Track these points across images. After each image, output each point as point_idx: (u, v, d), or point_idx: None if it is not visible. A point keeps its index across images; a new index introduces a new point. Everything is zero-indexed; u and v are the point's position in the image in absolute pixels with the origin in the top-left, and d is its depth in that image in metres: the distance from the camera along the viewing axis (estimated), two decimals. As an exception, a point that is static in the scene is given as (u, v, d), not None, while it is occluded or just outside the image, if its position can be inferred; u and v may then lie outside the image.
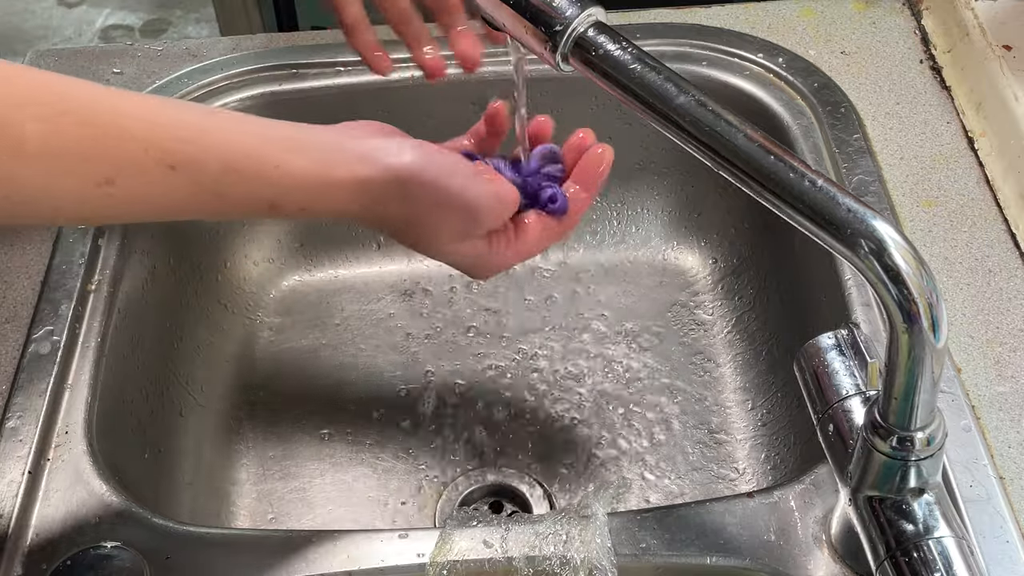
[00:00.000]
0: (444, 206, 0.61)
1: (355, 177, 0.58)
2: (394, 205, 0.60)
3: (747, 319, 0.93)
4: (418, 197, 0.60)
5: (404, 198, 0.59)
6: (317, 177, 0.57)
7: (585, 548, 0.63)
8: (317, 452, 0.88)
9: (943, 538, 0.54)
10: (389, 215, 0.60)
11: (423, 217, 0.61)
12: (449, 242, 0.63)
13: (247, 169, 0.54)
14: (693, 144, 0.52)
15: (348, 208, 0.59)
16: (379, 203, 0.59)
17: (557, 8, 0.55)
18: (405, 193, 0.59)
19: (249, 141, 0.55)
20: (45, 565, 0.64)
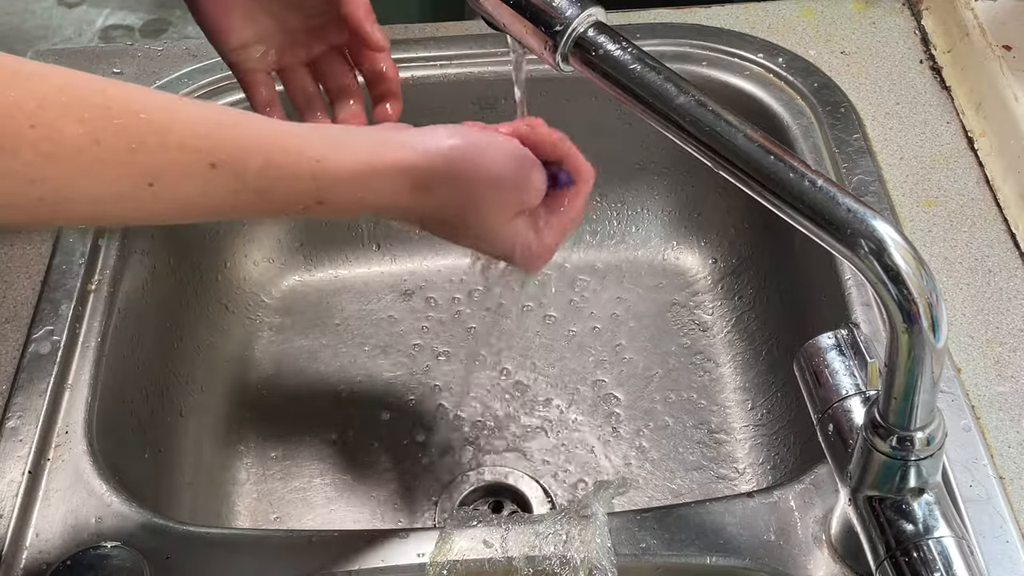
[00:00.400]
0: (492, 182, 0.60)
1: (401, 163, 0.57)
2: (443, 189, 0.59)
3: (747, 319, 0.93)
4: (467, 177, 0.59)
5: (453, 180, 0.59)
6: (362, 167, 0.56)
7: (585, 548, 0.63)
8: (317, 452, 0.88)
9: (943, 538, 0.54)
10: (439, 201, 0.59)
11: (474, 197, 0.60)
12: (500, 223, 0.62)
13: (288, 164, 0.53)
14: (693, 144, 0.52)
15: (397, 198, 0.58)
16: (427, 189, 0.58)
17: (557, 8, 0.55)
18: (453, 174, 0.58)
19: (289, 139, 0.54)
20: (45, 565, 0.64)
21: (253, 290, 0.97)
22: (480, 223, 0.62)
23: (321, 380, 0.93)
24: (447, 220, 0.61)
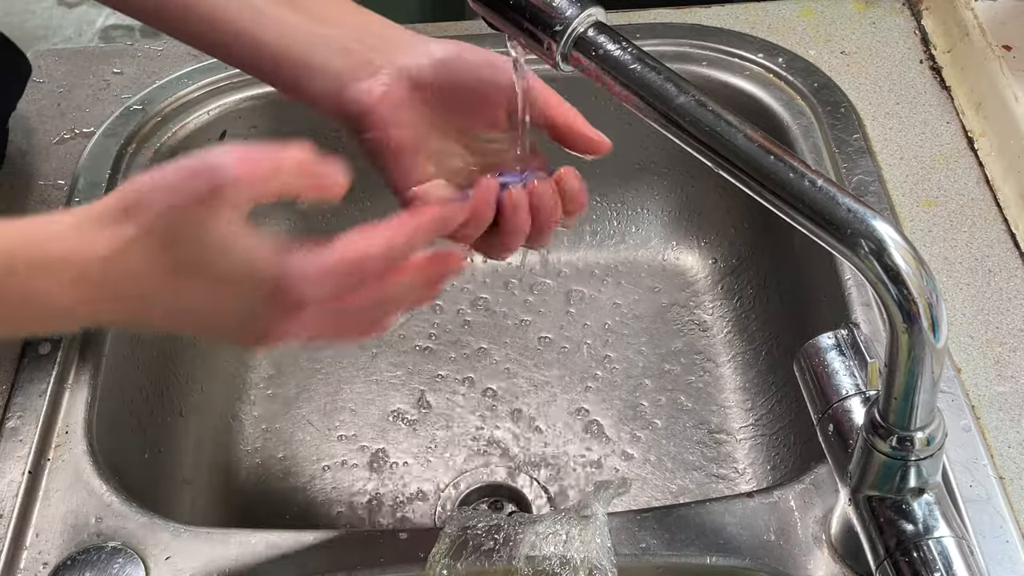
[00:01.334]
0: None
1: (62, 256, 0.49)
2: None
3: (747, 319, 0.93)
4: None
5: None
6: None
7: (585, 548, 0.63)
8: (317, 451, 0.88)
9: (943, 538, 0.54)
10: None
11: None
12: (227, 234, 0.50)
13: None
14: (693, 144, 0.52)
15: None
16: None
17: (557, 8, 0.55)
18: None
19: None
20: (45, 565, 0.64)
21: (253, 290, 0.97)
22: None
23: (321, 379, 0.93)
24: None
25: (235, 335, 0.55)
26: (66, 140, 0.90)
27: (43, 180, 0.87)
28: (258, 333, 0.54)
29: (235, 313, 0.53)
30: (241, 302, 0.52)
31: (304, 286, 0.52)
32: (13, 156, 0.88)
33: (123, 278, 0.50)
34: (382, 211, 1.02)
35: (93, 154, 0.88)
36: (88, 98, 0.93)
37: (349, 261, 0.54)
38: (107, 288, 0.51)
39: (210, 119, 0.92)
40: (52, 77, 0.95)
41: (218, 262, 0.51)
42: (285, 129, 0.96)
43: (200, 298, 0.52)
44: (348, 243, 0.54)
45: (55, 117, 0.92)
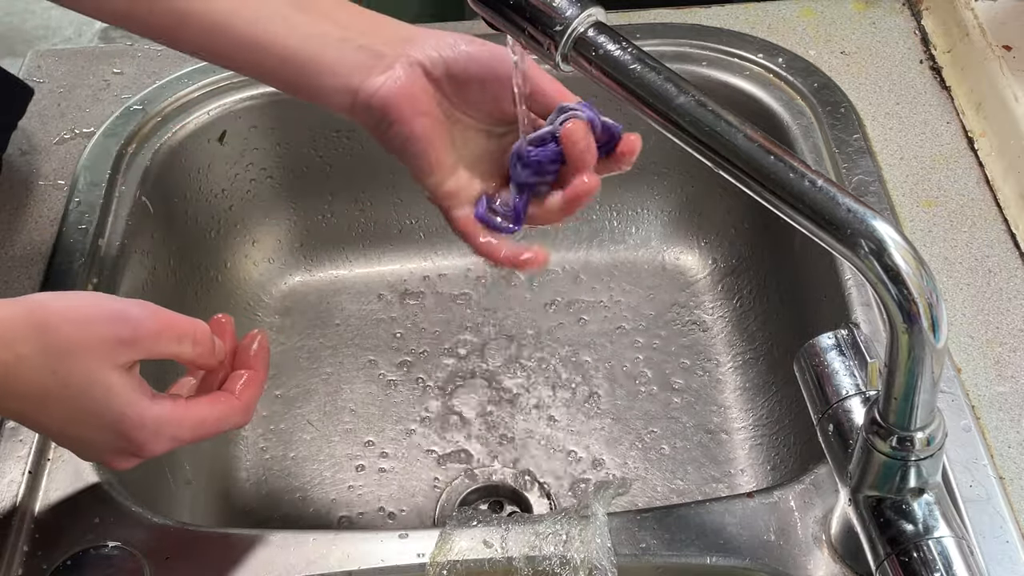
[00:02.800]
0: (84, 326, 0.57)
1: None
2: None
3: (747, 319, 0.93)
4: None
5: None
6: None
7: (585, 548, 0.63)
8: (317, 451, 0.88)
9: (943, 538, 0.54)
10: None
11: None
12: (99, 369, 0.57)
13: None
14: (693, 144, 0.52)
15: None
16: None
17: (557, 8, 0.55)
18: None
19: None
20: (45, 565, 0.64)
21: (253, 290, 0.98)
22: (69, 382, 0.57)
23: (321, 380, 0.93)
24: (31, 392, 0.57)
25: (78, 451, 0.62)
26: (66, 140, 0.90)
27: (43, 180, 0.87)
28: (99, 458, 0.62)
29: (90, 443, 0.60)
30: (97, 436, 0.59)
31: (148, 445, 0.60)
32: (13, 156, 0.88)
33: (12, 384, 0.56)
34: (382, 210, 1.03)
35: (93, 154, 0.88)
36: (88, 98, 0.93)
37: (193, 431, 0.61)
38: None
39: (210, 119, 0.93)
40: (52, 77, 0.95)
41: (95, 400, 0.57)
42: (285, 129, 0.96)
43: (63, 421, 0.59)
44: (201, 416, 0.61)
45: (55, 117, 0.92)
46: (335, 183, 0.99)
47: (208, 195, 0.95)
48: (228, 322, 0.66)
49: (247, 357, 0.65)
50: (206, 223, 0.95)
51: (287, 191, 0.98)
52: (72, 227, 0.82)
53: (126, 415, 0.58)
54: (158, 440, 0.59)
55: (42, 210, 0.84)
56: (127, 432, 0.58)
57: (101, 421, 0.58)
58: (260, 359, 0.65)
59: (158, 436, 0.59)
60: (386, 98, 0.62)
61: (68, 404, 0.57)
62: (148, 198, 0.87)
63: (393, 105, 0.62)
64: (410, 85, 0.62)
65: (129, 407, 0.58)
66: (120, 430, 0.58)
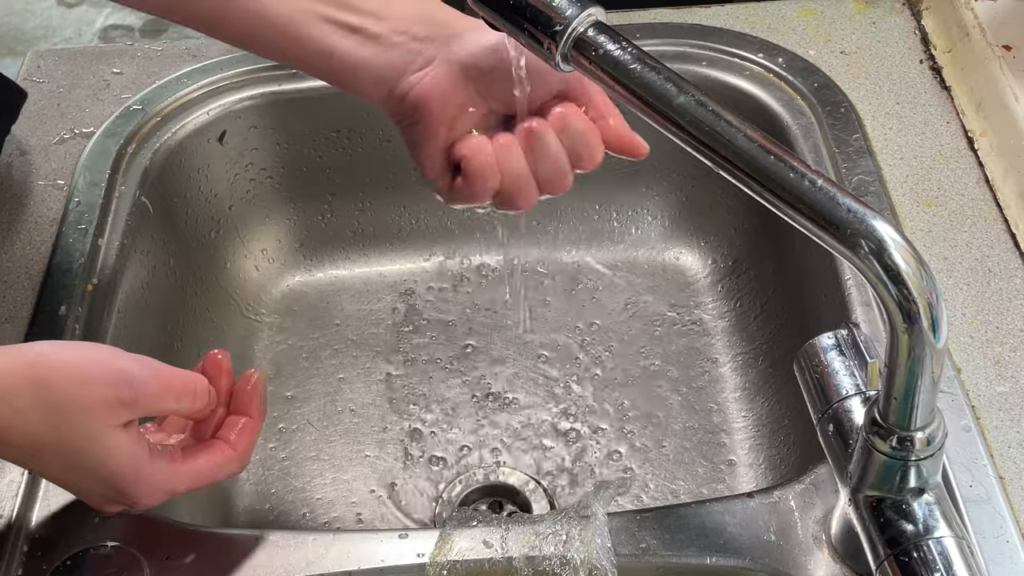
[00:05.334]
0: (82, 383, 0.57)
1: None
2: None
3: (747, 319, 0.93)
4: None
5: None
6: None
7: (585, 548, 0.63)
8: (317, 452, 0.88)
9: (943, 538, 0.54)
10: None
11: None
12: (100, 429, 0.58)
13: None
14: (693, 144, 0.52)
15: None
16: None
17: (557, 8, 0.55)
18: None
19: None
20: (45, 565, 0.64)
21: (253, 290, 0.97)
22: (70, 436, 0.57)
23: (321, 380, 0.93)
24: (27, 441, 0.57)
25: (83, 499, 0.63)
26: (66, 140, 0.90)
27: (43, 180, 0.87)
28: (97, 507, 0.63)
29: (86, 492, 0.62)
30: (94, 487, 0.60)
31: (144, 499, 0.61)
32: (13, 156, 0.88)
33: (9, 435, 0.57)
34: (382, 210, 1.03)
35: (93, 154, 0.88)
36: (88, 98, 0.93)
37: (190, 485, 0.62)
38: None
39: (210, 119, 0.93)
40: (52, 77, 0.95)
41: (92, 456, 0.58)
42: (285, 129, 0.96)
43: (60, 470, 0.59)
44: (197, 468, 0.62)
45: (55, 117, 0.92)
46: (335, 183, 0.99)
47: (208, 195, 0.95)
48: (224, 359, 0.66)
49: (244, 397, 0.65)
50: (206, 223, 0.95)
51: (287, 191, 0.98)
52: (72, 227, 0.82)
53: (123, 474, 0.59)
54: (153, 495, 0.61)
55: (42, 210, 0.84)
56: (124, 489, 0.60)
57: (97, 475, 0.59)
58: (256, 401, 0.65)
59: (154, 491, 0.61)
60: (420, 97, 0.61)
61: (65, 458, 0.58)
62: (148, 198, 0.87)
63: (426, 104, 0.61)
64: (444, 82, 0.62)
65: (126, 466, 0.59)
66: (116, 486, 0.59)
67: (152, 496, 0.61)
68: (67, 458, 0.58)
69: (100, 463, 0.58)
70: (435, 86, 0.61)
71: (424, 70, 0.61)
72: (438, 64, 0.61)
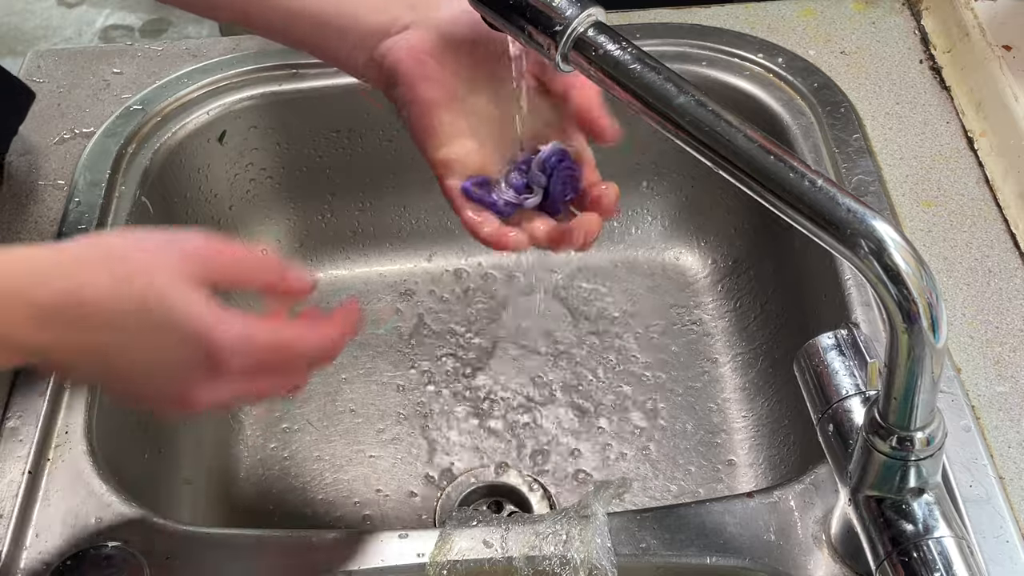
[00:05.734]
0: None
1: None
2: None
3: (747, 319, 0.93)
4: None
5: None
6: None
7: (585, 548, 0.63)
8: (317, 452, 0.88)
9: (943, 538, 0.54)
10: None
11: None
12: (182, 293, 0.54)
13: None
14: (693, 144, 0.52)
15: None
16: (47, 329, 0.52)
17: (557, 8, 0.55)
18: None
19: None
20: (45, 565, 0.64)
21: (253, 290, 0.97)
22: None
23: (321, 380, 0.93)
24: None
25: (155, 390, 0.57)
26: (66, 140, 0.90)
27: (43, 180, 0.87)
28: (177, 393, 0.56)
29: (163, 368, 0.55)
30: (174, 355, 0.54)
31: (231, 357, 0.54)
32: (13, 156, 0.88)
33: (85, 311, 0.53)
34: (382, 210, 1.03)
35: (93, 154, 0.88)
36: (88, 98, 0.93)
37: (276, 347, 0.56)
38: (58, 320, 0.52)
39: (210, 119, 0.93)
40: (52, 77, 0.95)
41: (173, 310, 0.53)
42: (285, 129, 0.96)
43: (138, 348, 0.54)
44: (281, 329, 0.57)
45: (55, 117, 0.92)
46: (335, 183, 0.99)
47: (208, 195, 0.95)
48: (352, 309, 0.61)
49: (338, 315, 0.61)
50: (206, 223, 0.95)
51: (287, 191, 0.98)
52: (72, 227, 0.82)
53: (207, 322, 0.54)
54: (236, 354, 0.54)
55: (42, 210, 0.84)
56: (209, 340, 0.53)
57: (180, 334, 0.53)
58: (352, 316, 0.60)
59: (238, 348, 0.54)
60: (396, 62, 0.62)
61: (144, 324, 0.53)
62: (148, 198, 0.87)
63: (401, 70, 0.62)
64: (421, 49, 0.62)
65: (211, 313, 0.54)
66: (200, 339, 0.53)
67: (235, 355, 0.54)
68: (146, 323, 0.53)
69: (182, 315, 0.53)
70: (411, 49, 0.62)
71: (401, 34, 0.63)
72: (415, 28, 0.63)
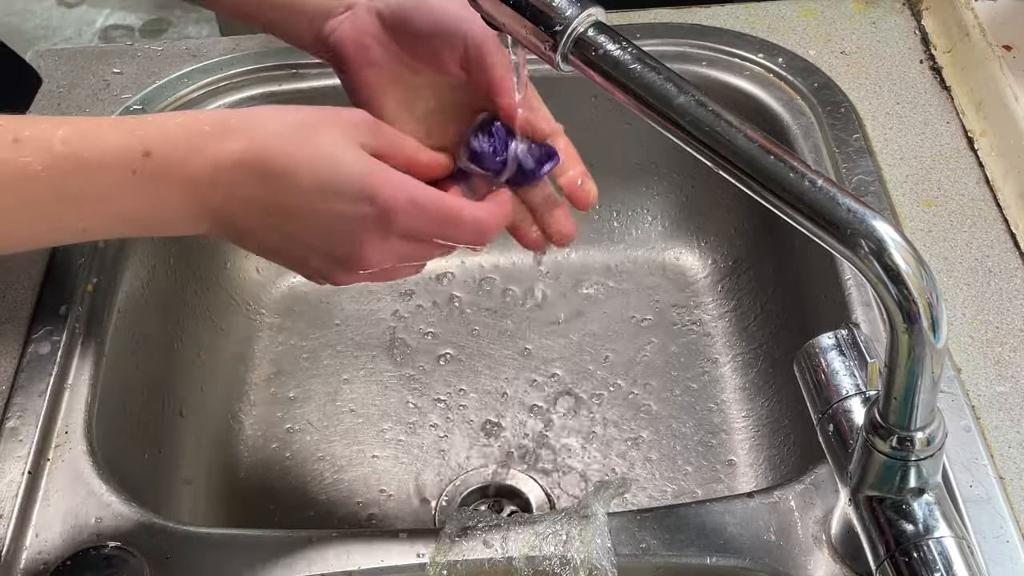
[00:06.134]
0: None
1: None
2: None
3: (747, 319, 0.93)
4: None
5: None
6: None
7: (585, 548, 0.63)
8: (317, 452, 0.88)
9: (943, 538, 0.54)
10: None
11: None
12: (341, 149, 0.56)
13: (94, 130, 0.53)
14: (693, 144, 0.52)
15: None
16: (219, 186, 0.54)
17: (557, 8, 0.55)
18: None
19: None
20: (45, 565, 0.64)
21: (253, 290, 0.97)
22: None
23: (321, 380, 0.93)
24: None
25: (327, 250, 0.57)
26: (66, 140, 0.89)
27: (43, 180, 0.86)
28: (347, 253, 0.57)
29: (335, 227, 0.56)
30: (345, 214, 0.55)
31: (400, 216, 0.55)
32: (13, 156, 0.88)
33: (234, 183, 0.54)
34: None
35: (93, 154, 0.88)
36: (88, 98, 0.93)
37: (440, 214, 0.57)
38: (218, 190, 0.54)
39: (210, 119, 0.92)
40: (52, 77, 0.95)
41: (343, 162, 0.55)
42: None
43: (309, 203, 0.55)
44: (446, 198, 0.57)
45: (55, 117, 0.92)
46: (335, 183, 0.99)
47: (208, 195, 0.94)
48: (504, 199, 0.61)
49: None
50: (206, 223, 0.95)
51: (287, 191, 0.98)
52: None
53: (379, 180, 0.55)
54: (404, 213, 0.55)
55: (42, 210, 0.84)
56: (381, 198, 0.55)
57: (353, 191, 0.55)
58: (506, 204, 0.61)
59: (407, 209, 0.55)
60: (339, 42, 0.64)
61: (318, 182, 0.54)
62: (148, 198, 0.87)
63: (344, 50, 0.64)
64: (363, 31, 0.63)
65: (383, 173, 0.55)
66: (373, 196, 0.54)
67: (398, 200, 0.55)
68: (318, 189, 0.55)
69: (351, 165, 0.55)
70: (352, 30, 0.63)
71: (345, 14, 0.64)
72: (357, 9, 0.64)
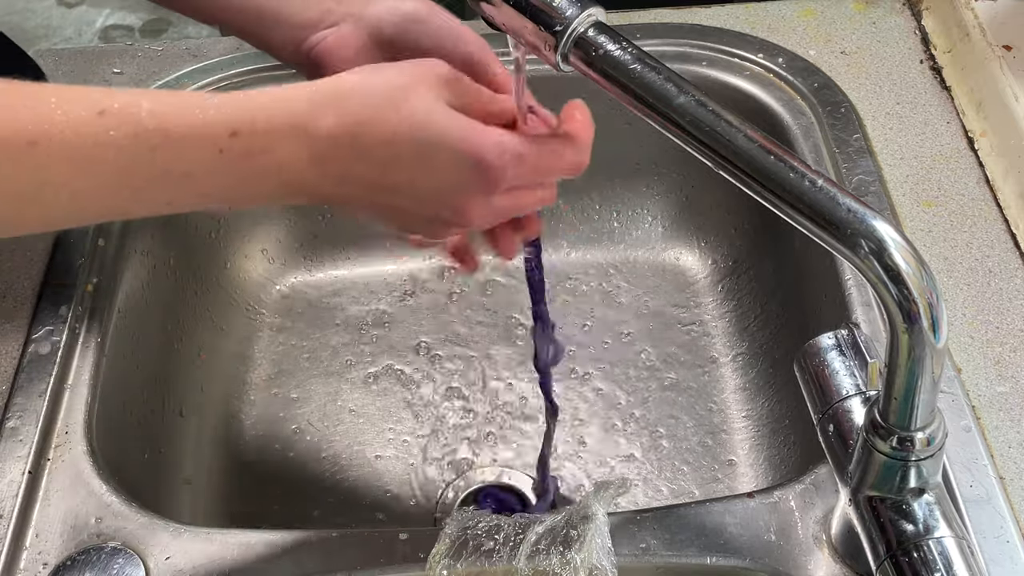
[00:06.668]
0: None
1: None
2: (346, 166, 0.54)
3: (747, 319, 0.93)
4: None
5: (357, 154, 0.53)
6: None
7: (585, 548, 0.63)
8: (317, 452, 0.88)
9: (943, 538, 0.54)
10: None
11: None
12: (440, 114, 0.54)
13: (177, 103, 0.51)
14: (693, 144, 0.52)
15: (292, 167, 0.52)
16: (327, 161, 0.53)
17: (557, 8, 0.55)
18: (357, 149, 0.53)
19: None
20: (45, 565, 0.64)
21: (253, 290, 0.97)
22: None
23: (321, 380, 0.93)
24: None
25: (432, 214, 0.56)
26: (66, 140, 0.89)
27: (43, 180, 0.86)
28: (453, 215, 0.56)
29: (438, 190, 0.55)
30: (446, 178, 0.54)
31: (503, 173, 0.54)
32: (13, 156, 0.88)
33: (342, 151, 0.53)
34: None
35: (93, 154, 0.88)
36: (88, 98, 0.93)
37: (540, 161, 0.56)
38: (328, 161, 0.53)
39: (210, 119, 0.92)
40: (52, 77, 0.95)
41: (437, 124, 0.53)
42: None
43: (410, 170, 0.54)
44: (542, 144, 0.56)
45: (55, 117, 0.91)
46: (335, 183, 0.99)
47: (208, 195, 0.94)
48: (578, 104, 0.60)
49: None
50: (206, 223, 0.95)
51: (287, 191, 0.98)
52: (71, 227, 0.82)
53: (478, 140, 0.54)
54: (507, 168, 0.54)
55: (42, 210, 0.84)
56: (481, 158, 0.54)
57: (452, 154, 0.54)
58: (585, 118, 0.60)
59: (510, 164, 0.54)
60: (322, 54, 0.63)
61: (417, 147, 0.54)
62: (148, 198, 0.87)
63: (325, 62, 0.63)
64: (349, 45, 0.63)
65: (480, 132, 0.55)
66: (474, 157, 0.54)
67: (502, 156, 0.54)
68: (418, 155, 0.54)
69: (446, 125, 0.54)
70: (338, 44, 0.63)
71: (331, 28, 0.63)
72: (345, 24, 0.63)
